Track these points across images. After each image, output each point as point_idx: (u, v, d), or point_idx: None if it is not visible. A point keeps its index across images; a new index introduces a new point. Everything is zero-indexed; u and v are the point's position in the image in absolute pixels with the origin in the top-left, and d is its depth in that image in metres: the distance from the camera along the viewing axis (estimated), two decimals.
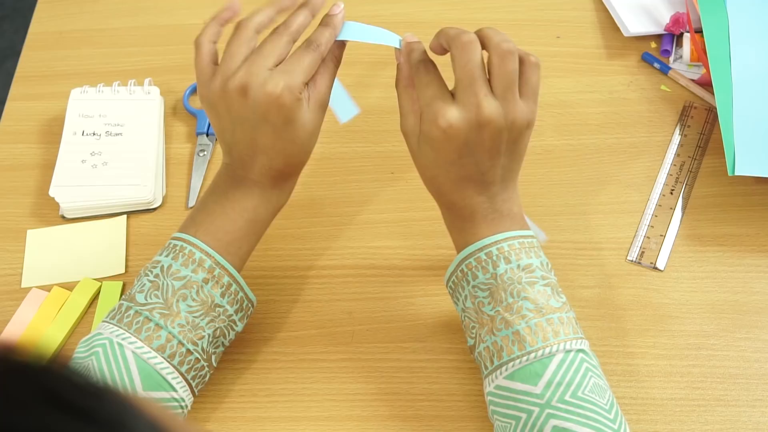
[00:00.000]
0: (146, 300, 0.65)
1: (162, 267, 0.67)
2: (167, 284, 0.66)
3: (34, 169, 0.90)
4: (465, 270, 0.66)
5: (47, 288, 0.81)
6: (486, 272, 0.65)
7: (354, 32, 0.69)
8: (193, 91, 0.96)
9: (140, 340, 0.64)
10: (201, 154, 0.90)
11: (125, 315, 0.65)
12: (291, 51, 0.67)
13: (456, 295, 0.69)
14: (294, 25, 0.67)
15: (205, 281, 0.66)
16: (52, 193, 0.85)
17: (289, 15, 0.68)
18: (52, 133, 0.93)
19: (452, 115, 0.61)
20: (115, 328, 0.65)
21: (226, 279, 0.67)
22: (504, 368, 0.63)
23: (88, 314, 0.80)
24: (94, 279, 0.81)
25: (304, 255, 0.83)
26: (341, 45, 0.69)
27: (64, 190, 0.85)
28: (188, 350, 0.65)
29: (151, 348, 0.64)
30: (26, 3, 2.22)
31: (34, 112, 0.95)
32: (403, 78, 0.67)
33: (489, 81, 0.62)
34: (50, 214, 0.87)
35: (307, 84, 0.66)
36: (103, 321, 0.67)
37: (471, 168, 0.64)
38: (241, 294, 0.69)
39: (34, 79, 0.99)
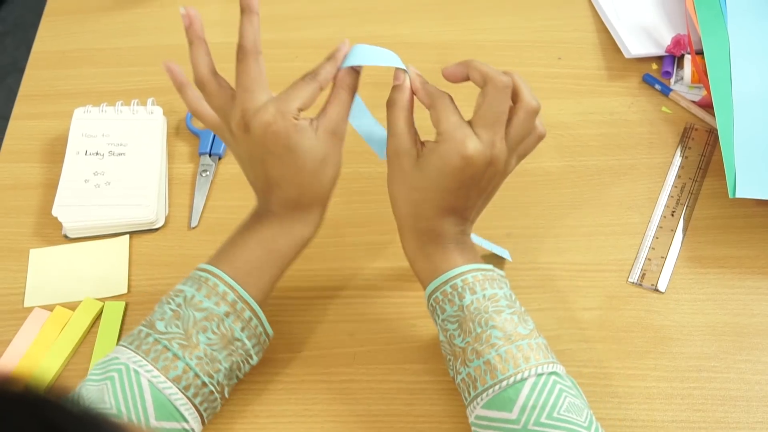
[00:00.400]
0: (166, 329, 0.66)
1: (185, 297, 0.68)
2: (189, 315, 0.67)
3: (37, 189, 0.92)
4: (433, 305, 0.68)
5: (50, 308, 0.82)
6: (453, 305, 0.67)
7: (359, 57, 0.69)
8: None
9: (157, 368, 0.65)
10: (204, 174, 0.91)
11: (144, 342, 0.66)
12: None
13: (436, 326, 0.70)
14: (248, 41, 0.66)
15: (227, 314, 0.67)
16: (55, 212, 0.86)
17: (239, 33, 0.67)
18: (54, 152, 0.94)
19: (476, 146, 0.64)
20: (133, 354, 0.66)
21: (247, 314, 0.68)
22: (479, 398, 0.64)
23: (91, 334, 0.81)
24: (97, 299, 0.82)
25: (306, 276, 0.84)
26: (352, 73, 0.69)
27: (67, 209, 0.87)
28: (204, 383, 0.66)
29: (167, 378, 0.65)
30: (28, 18, 2.24)
31: (37, 132, 0.97)
32: (405, 99, 0.68)
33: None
34: (53, 233, 0.88)
35: (317, 117, 0.68)
36: (121, 345, 0.68)
37: (462, 200, 0.67)
38: (260, 329, 0.70)
39: (37, 98, 1.00)
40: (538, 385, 0.63)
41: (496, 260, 0.83)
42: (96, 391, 0.64)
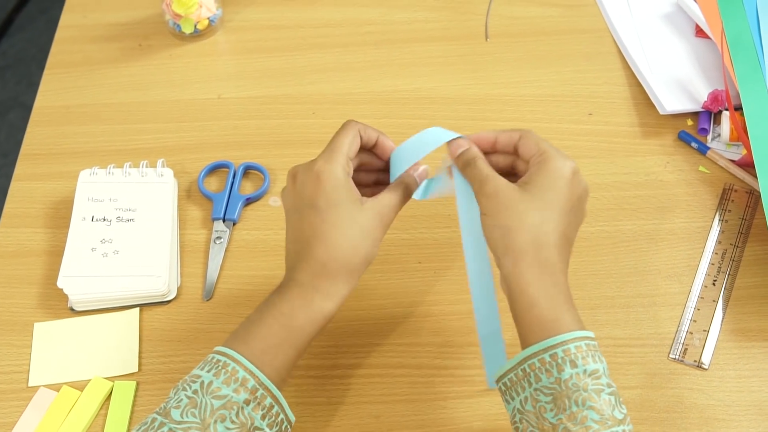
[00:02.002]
0: (182, 417, 0.65)
1: (202, 383, 0.66)
2: (206, 403, 0.65)
3: (41, 257, 0.90)
4: (527, 370, 0.66)
5: (56, 387, 0.81)
6: (550, 375, 0.64)
7: (405, 158, 0.74)
8: (209, 172, 0.96)
9: None
10: (217, 242, 0.90)
11: (158, 431, 0.65)
12: None
13: (511, 394, 0.68)
14: (364, 127, 0.74)
15: (247, 402, 0.66)
16: (60, 284, 0.85)
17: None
18: (59, 216, 0.93)
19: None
20: None
21: (268, 401, 0.67)
22: None
23: (99, 416, 0.79)
24: (106, 378, 0.81)
25: (327, 353, 0.82)
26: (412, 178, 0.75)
27: (73, 280, 0.85)
28: None
29: None
30: (29, 52, 2.24)
31: (40, 194, 0.95)
32: (478, 151, 0.73)
33: None
34: (58, 305, 0.87)
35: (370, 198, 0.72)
36: None
37: (573, 227, 0.70)
38: (282, 416, 0.68)
39: (40, 157, 0.99)
40: None
41: None
42: None
